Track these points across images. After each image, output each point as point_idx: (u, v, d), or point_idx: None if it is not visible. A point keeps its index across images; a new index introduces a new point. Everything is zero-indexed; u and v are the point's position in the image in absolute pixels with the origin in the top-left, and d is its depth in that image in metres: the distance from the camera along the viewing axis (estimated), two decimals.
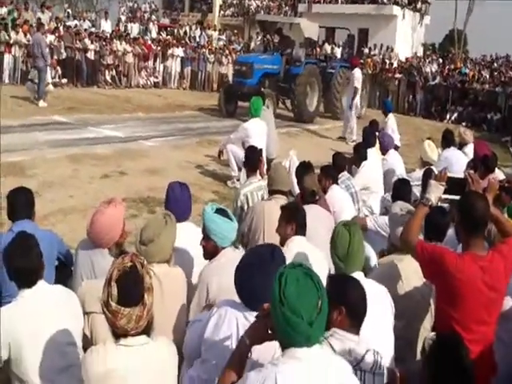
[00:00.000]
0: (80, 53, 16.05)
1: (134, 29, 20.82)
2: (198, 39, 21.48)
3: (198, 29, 22.94)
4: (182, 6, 32.35)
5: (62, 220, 5.63)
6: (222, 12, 30.99)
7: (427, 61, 21.92)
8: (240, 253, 2.98)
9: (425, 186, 3.18)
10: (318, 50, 19.23)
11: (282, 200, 4.01)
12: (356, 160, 5.91)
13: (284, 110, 14.60)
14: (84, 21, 18.96)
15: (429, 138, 6.75)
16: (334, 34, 20.85)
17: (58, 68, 15.27)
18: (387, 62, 21.48)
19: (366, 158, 5.82)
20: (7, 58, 14.43)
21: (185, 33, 22.54)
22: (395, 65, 21.11)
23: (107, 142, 9.38)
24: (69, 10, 21.54)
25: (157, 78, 18.47)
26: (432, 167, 5.49)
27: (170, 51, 18.88)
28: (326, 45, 20.57)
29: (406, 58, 22.73)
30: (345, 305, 2.15)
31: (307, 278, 1.72)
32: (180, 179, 4.24)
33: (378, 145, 6.76)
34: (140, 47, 18.04)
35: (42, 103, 12.07)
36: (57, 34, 15.72)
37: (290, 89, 13.64)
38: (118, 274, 1.91)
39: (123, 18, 24.69)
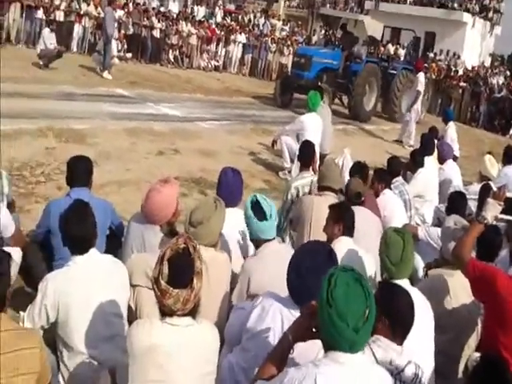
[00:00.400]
0: (146, 30, 16.34)
1: (201, 12, 20.92)
2: (261, 27, 21.38)
3: (263, 17, 22.83)
4: None
5: (117, 191, 5.77)
6: (287, 2, 30.87)
7: (494, 72, 20.98)
8: (284, 247, 2.96)
9: (481, 201, 3.09)
10: (382, 49, 18.81)
11: (332, 197, 3.96)
12: (412, 166, 5.75)
13: (340, 106, 14.39)
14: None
15: (489, 153, 6.51)
16: (400, 35, 20.35)
17: (125, 42, 15.61)
18: (452, 68, 20.70)
19: (422, 165, 5.66)
20: (77, 28, 14.88)
21: (249, 20, 22.54)
22: (460, 72, 20.31)
23: (165, 120, 9.54)
24: None
25: (218, 61, 18.55)
26: (490, 183, 5.31)
27: (232, 37, 18.94)
28: (390, 45, 20.13)
29: (473, 67, 21.86)
30: (390, 315, 2.11)
31: (357, 283, 1.69)
32: (232, 164, 4.27)
33: (436, 153, 6.56)
34: (204, 30, 18.15)
35: (106, 74, 12.40)
36: (126, 10, 16.07)
37: (348, 86, 13.37)
38: (171, 253, 1.93)
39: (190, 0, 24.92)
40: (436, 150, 6.58)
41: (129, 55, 15.63)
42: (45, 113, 8.05)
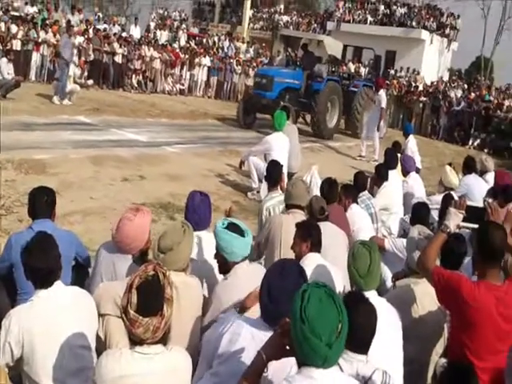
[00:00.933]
0: (108, 56, 16.30)
1: (163, 36, 21.12)
2: (226, 50, 21.71)
3: (227, 40, 23.18)
4: (212, 17, 32.86)
5: (81, 221, 5.70)
6: (251, 25, 31.38)
7: (453, 86, 21.87)
8: (255, 267, 2.98)
9: (444, 210, 3.19)
10: (343, 68, 19.33)
11: (300, 215, 4.03)
12: (377, 180, 5.94)
13: (304, 124, 14.64)
14: (114, 25, 19.23)
15: (450, 164, 6.73)
16: (361, 54, 20.98)
17: (86, 69, 15.51)
18: (413, 84, 21.57)
19: (387, 179, 5.85)
20: (35, 57, 14.73)
21: (213, 43, 22.80)
22: (420, 88, 21.15)
23: (129, 146, 9.49)
24: (99, 14, 21.93)
25: (183, 85, 18.66)
26: (452, 192, 5.50)
27: (197, 60, 19.10)
28: (351, 63, 20.78)
29: (432, 82, 22.74)
30: (351, 325, 2.15)
31: (330, 299, 1.72)
32: (200, 187, 4.29)
33: (399, 166, 6.77)
34: (168, 54, 18.25)
35: (66, 102, 12.31)
36: (86, 36, 16.02)
37: (311, 104, 13.64)
38: (140, 281, 1.93)
39: (153, 24, 25.09)
40: (399, 163, 6.79)
41: (90, 82, 15.54)
42: (3, 144, 7.86)
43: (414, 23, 27.44)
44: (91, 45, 15.89)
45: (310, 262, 3.17)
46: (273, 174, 5.00)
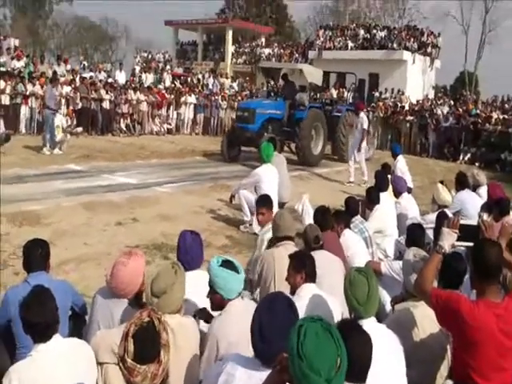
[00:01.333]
0: (95, 103, 16.56)
1: (149, 78, 21.47)
2: (210, 87, 22.08)
3: (211, 77, 23.57)
4: (195, 56, 33.46)
5: (76, 268, 5.69)
6: (234, 60, 31.96)
7: (439, 103, 22.10)
8: (248, 303, 2.97)
9: (439, 230, 3.22)
10: (326, 94, 19.59)
11: (291, 246, 4.06)
12: (369, 204, 5.96)
13: (289, 153, 14.61)
14: (100, 72, 19.60)
15: (442, 182, 6.72)
16: (345, 79, 21.33)
17: (74, 117, 15.72)
18: (398, 104, 21.81)
19: (378, 202, 5.87)
20: (24, 110, 14.97)
21: (198, 81, 23.21)
22: (407, 107, 21.40)
23: (121, 190, 9.56)
24: (85, 62, 22.29)
25: (170, 124, 18.96)
26: (446, 210, 5.54)
27: (183, 99, 19.43)
28: (333, 89, 21.10)
29: (417, 101, 23.01)
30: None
31: (327, 333, 1.71)
32: (192, 224, 4.32)
33: (390, 188, 6.79)
34: (154, 96, 18.56)
35: (56, 151, 12.47)
36: (73, 86, 16.30)
37: (295, 132, 13.73)
38: (135, 329, 1.94)
39: (138, 68, 25.52)
40: (390, 184, 6.82)
41: (79, 129, 15.69)
42: None
43: (394, 45, 27.90)
44: (78, 93, 16.16)
45: (306, 293, 3.18)
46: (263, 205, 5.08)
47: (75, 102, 15.97)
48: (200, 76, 24.33)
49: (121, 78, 19.93)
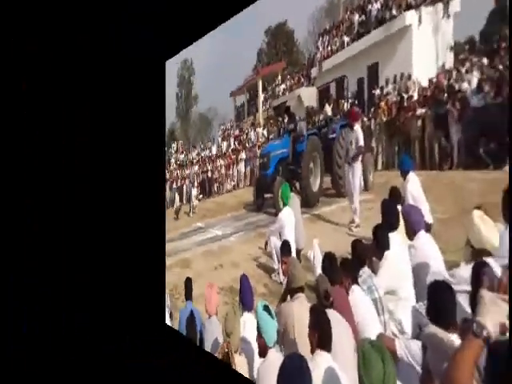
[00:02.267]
0: (203, 174, 19.57)
1: (224, 146, 23.00)
2: (253, 139, 21.21)
3: (252, 130, 22.21)
4: (244, 114, 29.60)
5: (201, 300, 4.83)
6: (263, 107, 25.61)
7: (463, 70, 12.13)
8: (281, 356, 2.36)
9: (476, 294, 1.47)
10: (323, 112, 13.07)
11: (303, 298, 2.99)
12: (376, 249, 3.24)
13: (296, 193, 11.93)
14: (205, 150, 22.25)
15: (479, 208, 2.74)
16: (343, 83, 12.42)
17: (198, 188, 18.22)
18: (404, 96, 11.40)
19: (388, 247, 3.17)
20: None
21: (246, 136, 22.34)
22: (415, 96, 11.24)
23: (217, 240, 9.31)
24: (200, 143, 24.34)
25: (234, 181, 20.06)
26: (489, 259, 2.39)
27: (239, 157, 20.10)
28: (327, 105, 13.21)
29: (430, 80, 12.27)
30: None
31: None
32: (244, 271, 4.01)
33: (402, 225, 3.47)
34: (227, 160, 20.69)
35: (191, 214, 15.15)
36: (197, 167, 19.73)
37: (298, 171, 10.64)
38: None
39: (219, 139, 25.82)
40: (402, 219, 3.48)
41: (200, 196, 17.21)
42: (171, 250, 8.16)
43: (394, 11, 15.07)
44: (200, 171, 19.29)
45: (322, 361, 2.18)
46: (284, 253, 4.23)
47: (199, 176, 19.19)
48: (246, 132, 23.35)
49: (213, 150, 22.16)
